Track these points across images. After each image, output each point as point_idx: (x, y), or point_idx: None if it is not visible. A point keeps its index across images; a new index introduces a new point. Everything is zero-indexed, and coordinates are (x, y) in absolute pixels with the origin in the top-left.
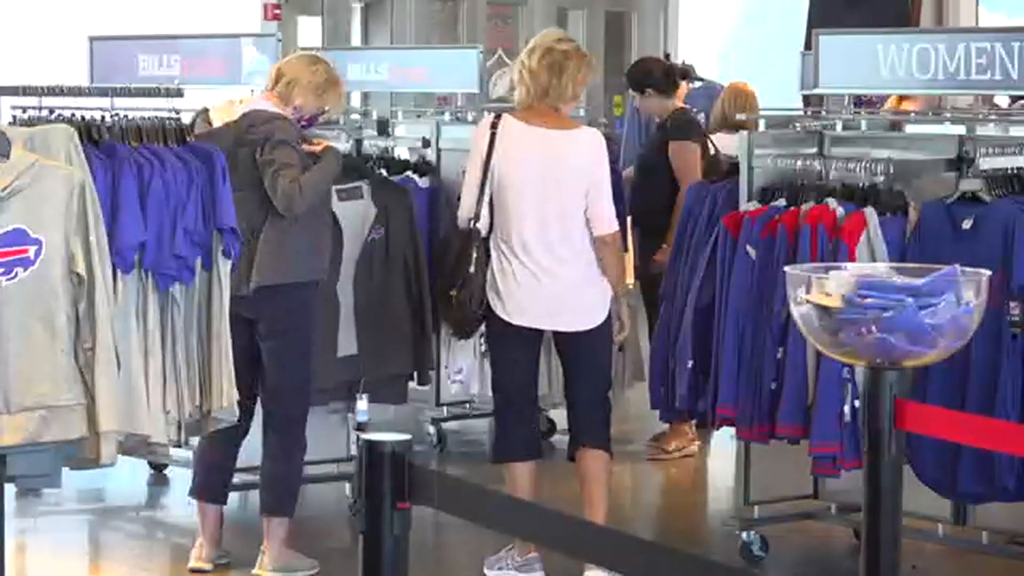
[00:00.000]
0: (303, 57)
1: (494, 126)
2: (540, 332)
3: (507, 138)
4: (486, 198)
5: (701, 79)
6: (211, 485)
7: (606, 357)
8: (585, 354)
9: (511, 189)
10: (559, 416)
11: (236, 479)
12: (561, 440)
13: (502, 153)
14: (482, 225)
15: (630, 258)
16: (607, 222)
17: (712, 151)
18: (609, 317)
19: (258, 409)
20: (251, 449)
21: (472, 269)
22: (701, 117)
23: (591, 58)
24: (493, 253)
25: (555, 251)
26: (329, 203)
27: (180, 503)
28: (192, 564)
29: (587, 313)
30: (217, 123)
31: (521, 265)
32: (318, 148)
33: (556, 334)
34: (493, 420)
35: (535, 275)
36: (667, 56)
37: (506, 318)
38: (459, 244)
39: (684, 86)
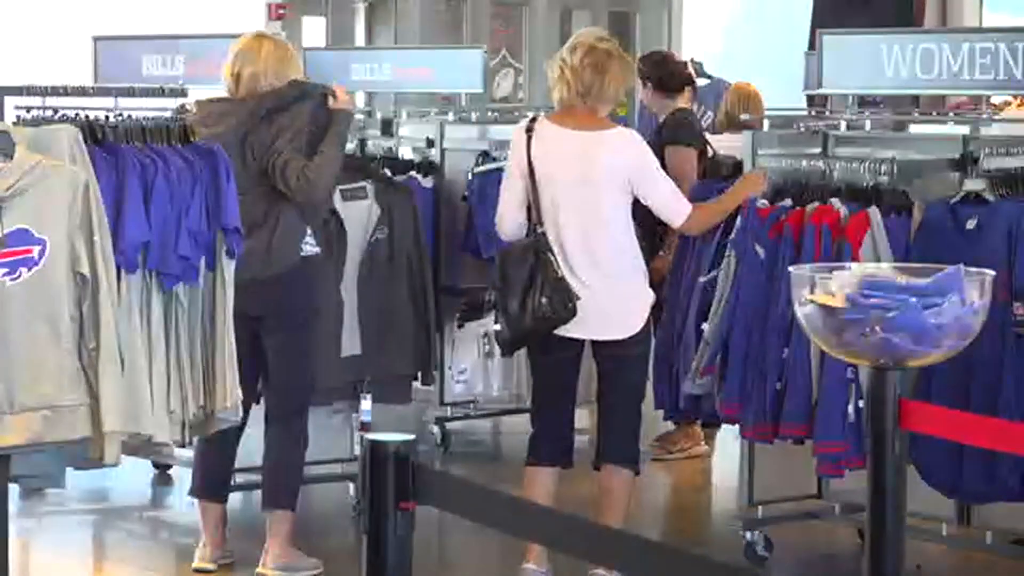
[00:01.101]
0: (246, 47)
1: (529, 130)
2: (580, 341)
3: (542, 142)
4: (527, 203)
5: (709, 76)
6: (211, 484)
7: (640, 368)
8: (618, 364)
9: (547, 194)
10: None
11: (239, 478)
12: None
13: (539, 158)
14: (510, 228)
15: None
16: (677, 211)
17: (711, 153)
18: (646, 327)
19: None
20: (252, 448)
21: (557, 273)
22: (709, 115)
23: (631, 60)
24: None
25: (593, 257)
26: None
27: (184, 503)
28: (196, 564)
29: (621, 323)
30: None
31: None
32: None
33: (593, 342)
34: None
35: (569, 283)
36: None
37: None
38: (531, 250)
39: (688, 93)
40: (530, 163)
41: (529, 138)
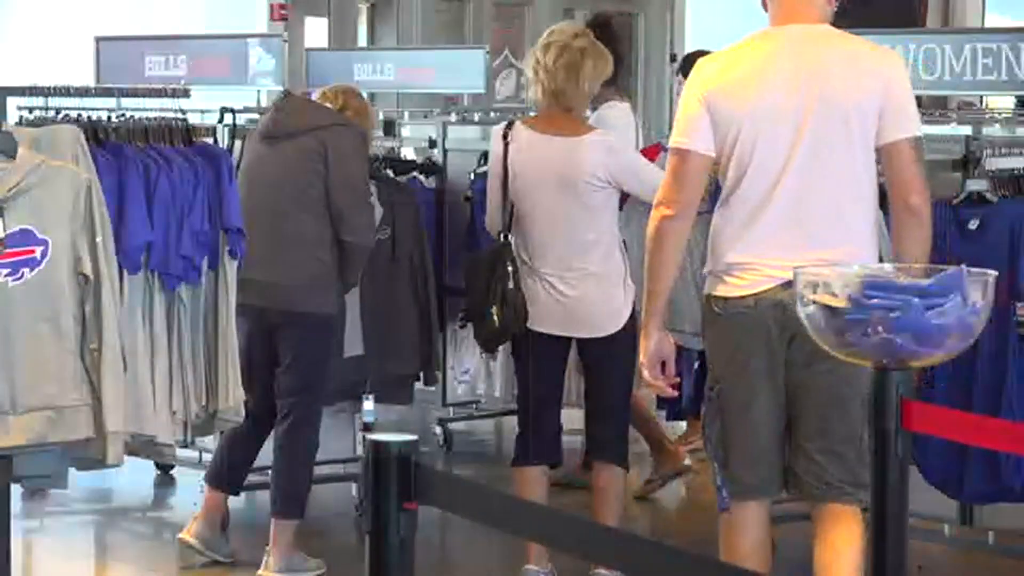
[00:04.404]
0: (351, 91)
1: (506, 136)
2: (566, 339)
3: (519, 149)
4: (508, 209)
5: None
6: (226, 476)
7: (625, 364)
8: (603, 361)
9: (527, 200)
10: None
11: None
12: (571, 441)
13: (515, 164)
14: (500, 228)
15: None
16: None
17: None
18: (630, 323)
19: None
20: (261, 450)
21: (511, 285)
22: None
23: (608, 53)
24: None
25: (578, 259)
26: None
27: (187, 503)
28: (181, 534)
29: (603, 322)
30: None
31: (539, 274)
32: None
33: (578, 340)
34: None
35: (552, 284)
36: (672, 57)
37: (528, 324)
38: (491, 260)
39: None
40: (507, 170)
41: (506, 145)
